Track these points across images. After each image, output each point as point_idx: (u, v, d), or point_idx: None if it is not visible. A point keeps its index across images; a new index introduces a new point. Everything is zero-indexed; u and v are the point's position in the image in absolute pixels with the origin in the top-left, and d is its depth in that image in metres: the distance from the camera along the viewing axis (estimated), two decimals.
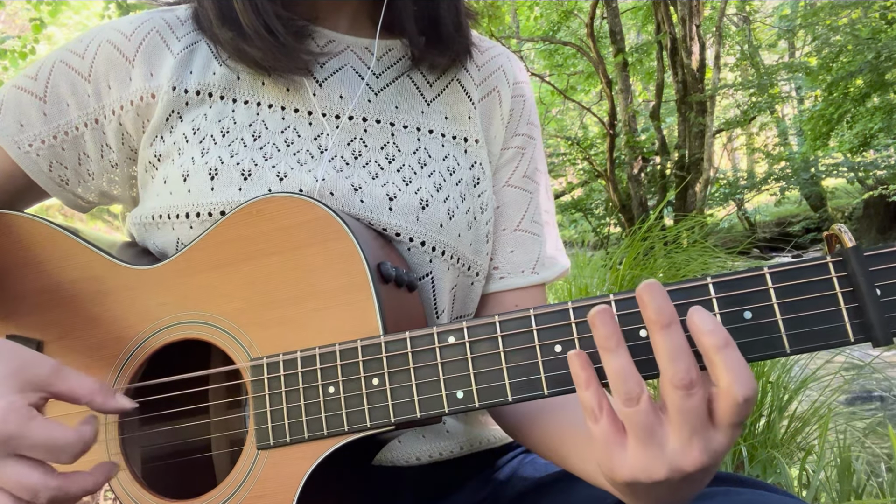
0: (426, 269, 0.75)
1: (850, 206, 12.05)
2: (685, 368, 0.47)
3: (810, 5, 10.40)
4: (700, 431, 0.47)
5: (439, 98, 0.83)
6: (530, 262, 0.85)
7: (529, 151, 0.88)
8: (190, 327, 0.67)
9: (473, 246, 0.80)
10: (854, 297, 0.49)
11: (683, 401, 0.47)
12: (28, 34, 6.36)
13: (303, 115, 0.77)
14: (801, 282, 0.50)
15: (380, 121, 0.79)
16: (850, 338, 0.49)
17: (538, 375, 0.55)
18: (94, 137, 0.78)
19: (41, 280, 0.73)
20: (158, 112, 0.75)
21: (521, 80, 0.89)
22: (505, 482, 0.83)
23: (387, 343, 0.59)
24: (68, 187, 0.81)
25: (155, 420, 0.72)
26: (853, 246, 0.49)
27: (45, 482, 0.55)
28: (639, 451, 0.48)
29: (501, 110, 0.86)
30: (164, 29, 0.78)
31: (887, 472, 2.01)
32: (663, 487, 0.50)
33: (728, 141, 15.66)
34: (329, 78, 0.79)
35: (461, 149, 0.82)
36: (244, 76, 0.77)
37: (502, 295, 0.85)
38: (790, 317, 0.50)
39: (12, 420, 0.53)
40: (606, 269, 4.21)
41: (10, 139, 0.77)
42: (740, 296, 0.51)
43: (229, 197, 0.70)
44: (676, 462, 0.48)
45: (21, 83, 0.78)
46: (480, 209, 0.81)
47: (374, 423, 0.58)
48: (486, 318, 0.57)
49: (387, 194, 0.74)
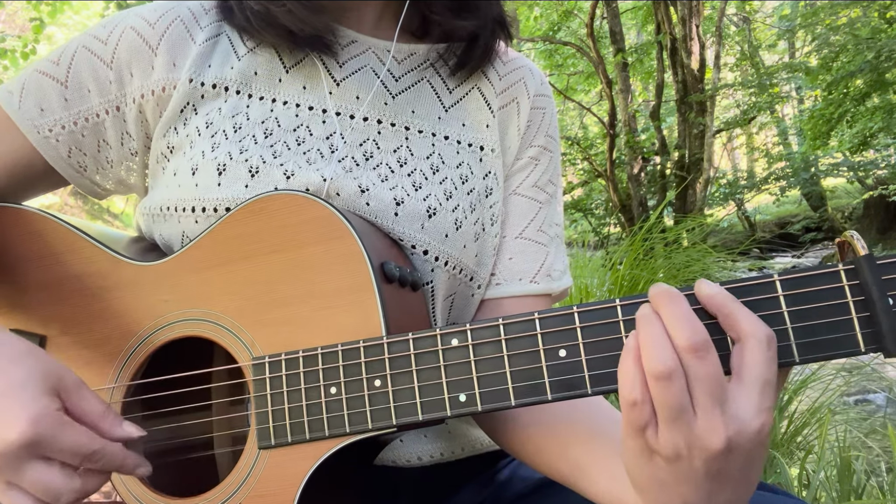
0: (427, 277, 0.74)
1: (850, 206, 12.05)
2: (692, 329, 0.47)
3: (810, 5, 10.40)
4: (721, 404, 0.47)
5: (458, 105, 0.82)
6: (530, 272, 0.82)
7: (543, 163, 0.86)
8: (192, 325, 0.67)
9: (479, 257, 0.79)
10: (866, 306, 0.48)
11: (699, 367, 0.46)
12: (28, 34, 6.36)
13: (317, 113, 0.76)
14: (812, 290, 0.49)
15: (395, 124, 0.78)
16: (861, 347, 0.48)
17: (542, 380, 0.54)
18: (115, 125, 0.78)
19: (45, 274, 0.73)
20: (174, 103, 0.75)
21: (543, 94, 0.88)
22: (505, 483, 0.83)
23: (389, 344, 0.59)
24: (86, 174, 0.80)
25: (157, 417, 0.72)
26: (866, 254, 0.48)
27: (69, 485, 0.56)
28: (667, 431, 0.47)
29: (518, 121, 0.85)
30: (189, 18, 0.77)
31: (887, 472, 2.01)
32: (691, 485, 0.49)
33: (728, 141, 15.66)
34: (347, 78, 0.78)
35: (476, 157, 0.81)
36: (262, 71, 0.77)
37: (499, 302, 0.83)
38: (800, 325, 0.49)
39: (46, 424, 0.54)
40: (606, 269, 4.21)
41: (30, 123, 0.76)
42: (749, 303, 0.50)
43: (235, 193, 0.70)
44: (701, 438, 0.46)
45: (43, 67, 0.77)
46: (490, 221, 0.80)
47: (375, 424, 0.58)
48: (490, 320, 0.56)
49: (394, 198, 0.73)
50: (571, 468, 0.64)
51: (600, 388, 0.53)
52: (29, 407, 0.54)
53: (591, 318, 0.53)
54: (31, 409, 0.54)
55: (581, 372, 0.53)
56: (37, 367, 0.57)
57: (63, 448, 0.55)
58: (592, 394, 0.53)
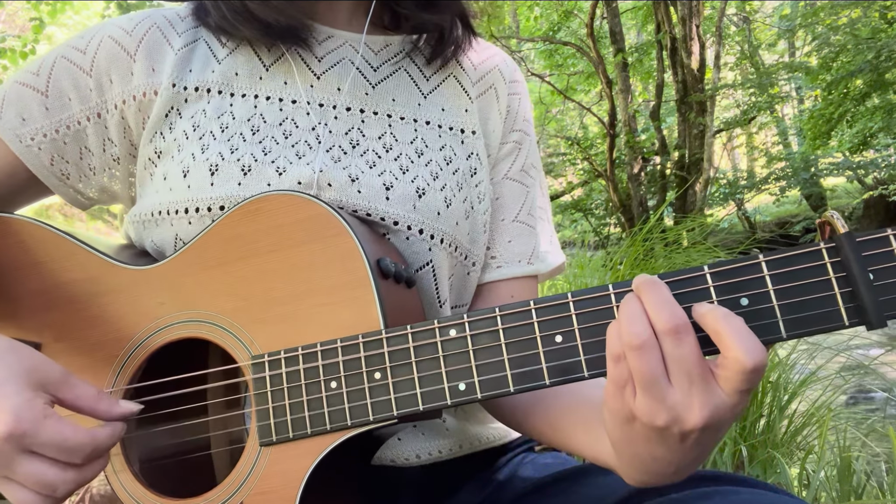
0: (426, 257, 0.75)
1: (850, 206, 12.05)
2: (670, 312, 0.49)
3: (810, 5, 10.40)
4: (699, 384, 0.49)
5: (436, 91, 0.84)
6: (527, 254, 0.86)
7: (526, 147, 0.89)
8: (189, 326, 0.67)
9: (471, 235, 0.81)
10: (848, 281, 0.50)
11: (675, 347, 0.49)
12: (28, 34, 6.37)
13: (301, 106, 0.77)
14: (796, 268, 0.51)
15: (377, 112, 0.80)
16: (844, 321, 0.50)
17: (539, 366, 0.55)
18: (97, 131, 0.78)
19: (38, 282, 0.73)
20: (157, 108, 0.76)
21: (517, 80, 0.91)
22: (505, 483, 0.83)
23: (388, 337, 0.59)
24: (69, 182, 0.81)
25: (155, 419, 0.72)
26: (846, 232, 0.50)
27: (63, 477, 0.55)
28: (642, 396, 0.50)
29: (499, 105, 0.87)
30: (165, 25, 0.79)
31: (887, 473, 2.01)
32: (664, 447, 0.52)
33: (728, 141, 15.66)
34: (327, 71, 0.80)
35: (458, 139, 0.83)
36: (242, 71, 0.78)
37: (498, 284, 0.86)
38: (786, 302, 0.51)
39: (27, 417, 0.53)
40: (607, 269, 4.21)
41: (11, 133, 0.77)
42: (737, 283, 0.52)
43: (229, 192, 0.71)
44: (677, 412, 0.49)
45: (23, 78, 0.78)
46: (478, 199, 0.82)
47: (376, 416, 0.59)
48: (487, 310, 0.57)
49: (384, 183, 0.74)
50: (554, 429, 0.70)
51: (596, 370, 0.55)
52: (11, 400, 0.54)
53: (586, 304, 0.55)
54: (12, 403, 0.53)
55: (577, 356, 0.55)
56: (19, 363, 0.56)
57: (45, 442, 0.54)
58: (589, 377, 0.55)
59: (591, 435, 0.65)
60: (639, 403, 0.51)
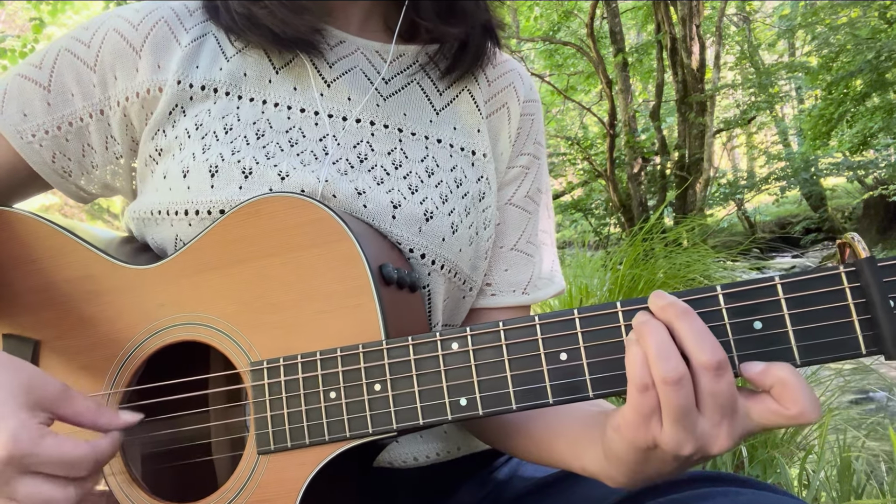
0: (423, 281, 0.74)
1: (850, 206, 12.05)
2: (712, 347, 0.48)
3: (810, 5, 10.39)
4: (730, 416, 0.49)
5: (448, 108, 0.82)
6: (522, 283, 0.84)
7: (533, 171, 0.87)
8: (188, 329, 0.66)
9: (472, 262, 0.79)
10: (867, 308, 0.48)
11: (714, 383, 0.48)
12: (28, 34, 6.36)
13: (309, 115, 0.75)
14: (813, 292, 0.49)
15: (388, 126, 0.78)
16: (861, 350, 0.48)
17: (543, 384, 0.54)
18: (99, 129, 0.77)
19: (38, 278, 0.72)
20: (162, 105, 0.74)
21: (532, 99, 0.88)
22: (505, 482, 0.83)
23: (389, 349, 0.58)
24: (71, 179, 0.80)
25: (154, 423, 0.71)
26: (868, 257, 0.47)
27: (65, 493, 0.55)
28: (671, 427, 0.49)
29: (510, 128, 0.85)
30: (173, 19, 0.76)
31: (887, 473, 2.01)
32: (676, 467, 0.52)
33: (728, 141, 15.64)
34: (338, 79, 0.78)
35: (469, 161, 0.80)
36: (251, 73, 0.76)
37: (490, 311, 0.84)
38: (801, 328, 0.49)
39: (24, 438, 0.53)
40: (607, 269, 4.20)
41: (13, 129, 0.75)
42: (750, 306, 0.50)
43: (229, 195, 0.69)
44: (704, 441, 0.49)
45: (25, 71, 0.76)
46: (483, 225, 0.80)
47: (376, 429, 0.58)
48: (491, 324, 0.56)
49: (391, 201, 0.73)
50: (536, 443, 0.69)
51: (602, 391, 0.53)
52: (6, 422, 0.53)
53: (593, 322, 0.53)
54: (8, 425, 0.53)
55: (582, 376, 0.53)
56: (13, 382, 0.55)
57: (45, 461, 0.54)
58: (594, 397, 0.53)
59: (575, 448, 0.62)
60: (666, 434, 0.49)
